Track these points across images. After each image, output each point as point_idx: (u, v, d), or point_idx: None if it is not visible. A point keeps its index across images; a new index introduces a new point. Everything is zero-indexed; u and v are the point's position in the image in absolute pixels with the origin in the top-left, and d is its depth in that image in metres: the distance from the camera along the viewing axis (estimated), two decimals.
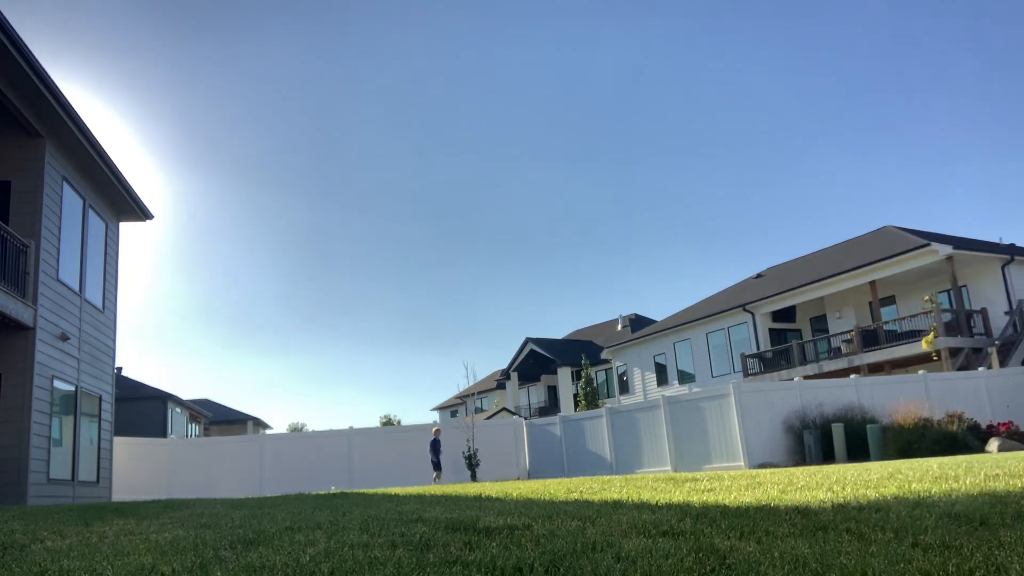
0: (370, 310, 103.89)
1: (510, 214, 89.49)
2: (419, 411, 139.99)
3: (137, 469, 22.40)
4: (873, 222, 60.07)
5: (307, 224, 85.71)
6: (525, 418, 30.60)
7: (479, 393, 57.22)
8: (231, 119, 75.71)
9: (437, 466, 21.98)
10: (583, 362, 40.52)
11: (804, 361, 29.15)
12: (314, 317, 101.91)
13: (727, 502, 5.77)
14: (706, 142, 76.38)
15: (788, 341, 31.47)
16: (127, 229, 19.84)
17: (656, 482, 8.95)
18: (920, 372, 21.45)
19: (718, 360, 34.42)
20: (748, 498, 5.99)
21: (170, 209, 71.77)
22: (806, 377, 26.50)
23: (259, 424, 54.20)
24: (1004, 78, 64.21)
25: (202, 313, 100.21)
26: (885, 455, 17.30)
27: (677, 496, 6.62)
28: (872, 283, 27.77)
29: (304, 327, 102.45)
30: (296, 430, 68.12)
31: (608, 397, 42.11)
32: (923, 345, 24.36)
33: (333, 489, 16.93)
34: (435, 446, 22.16)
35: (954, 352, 24.18)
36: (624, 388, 40.92)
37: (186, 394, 47.49)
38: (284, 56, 66.73)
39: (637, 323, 47.75)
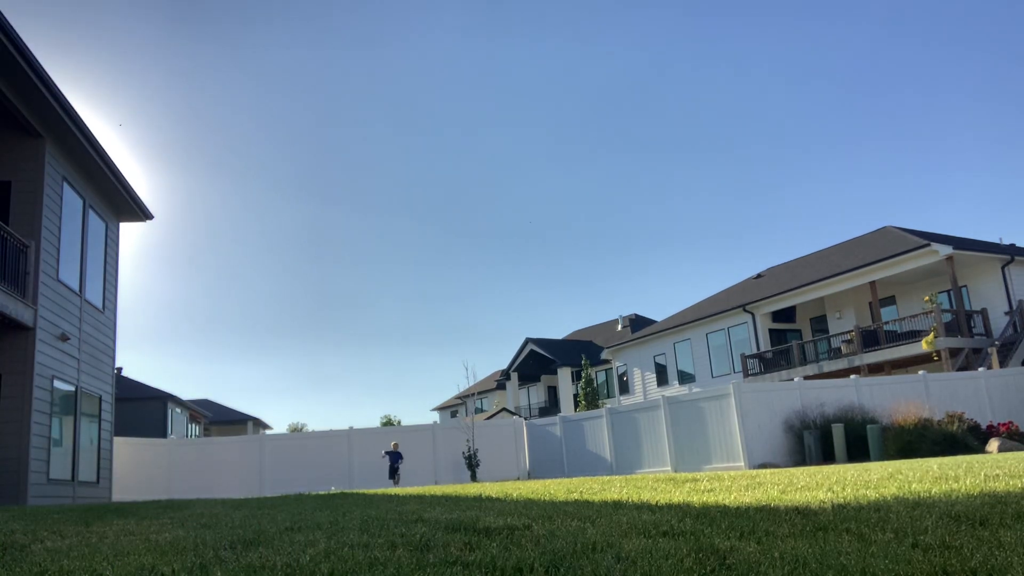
0: (370, 310, 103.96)
1: (510, 214, 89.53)
2: (419, 411, 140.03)
3: (137, 469, 22.39)
4: (873, 222, 60.03)
5: (307, 224, 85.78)
6: (525, 418, 30.59)
7: (479, 393, 57.21)
8: (232, 119, 75.78)
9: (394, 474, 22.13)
10: (583, 362, 40.51)
11: (804, 361, 29.15)
12: (314, 317, 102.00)
13: (727, 502, 5.77)
14: (706, 142, 76.41)
15: (788, 341, 31.47)
16: (127, 229, 19.86)
17: (656, 482, 8.95)
18: (920, 372, 21.43)
19: (718, 360, 34.42)
20: (748, 498, 5.99)
21: (170, 209, 71.85)
22: (806, 377, 26.49)
23: (259, 424, 54.19)
24: (1004, 78, 64.22)
25: (202, 313, 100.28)
26: (885, 455, 17.29)
27: (677, 496, 6.62)
28: (872, 283, 27.76)
29: (304, 327, 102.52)
30: (296, 430, 68.12)
31: (608, 397, 42.11)
32: (923, 345, 24.36)
33: (333, 489, 16.93)
34: (393, 457, 22.32)
35: (954, 352, 24.18)
36: (624, 388, 40.92)
37: (186, 394, 47.52)
38: (285, 55, 66.78)
39: (637, 323, 47.76)
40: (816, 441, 18.64)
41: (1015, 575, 2.81)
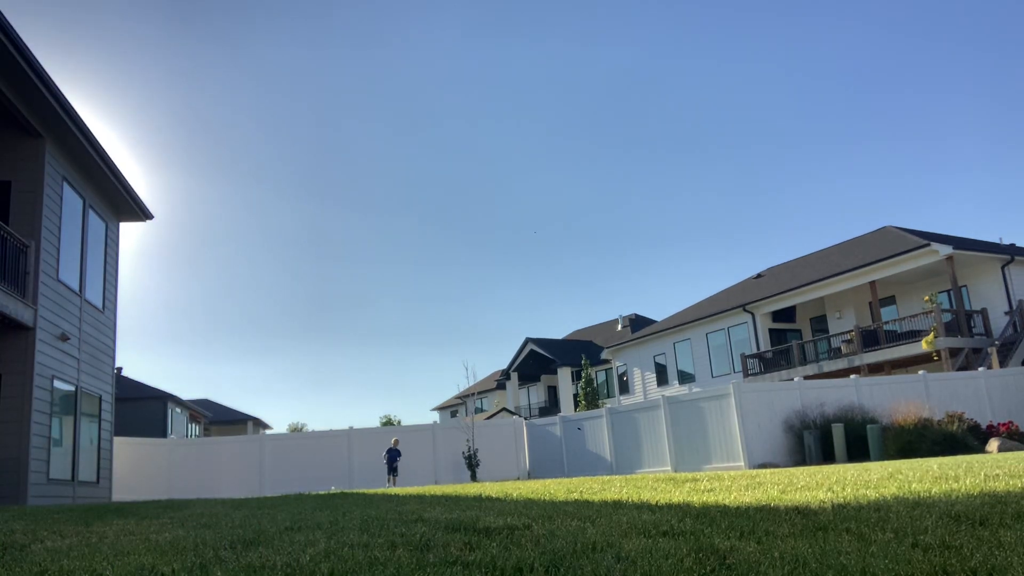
0: (370, 310, 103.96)
1: (510, 214, 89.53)
2: (419, 411, 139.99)
3: (137, 469, 22.39)
4: (873, 222, 60.01)
5: (307, 224, 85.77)
6: (525, 418, 30.58)
7: (479, 393, 57.19)
8: (232, 119, 75.76)
9: (392, 471, 22.08)
10: (583, 362, 40.49)
11: (804, 361, 29.13)
12: (314, 317, 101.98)
13: (727, 502, 5.77)
14: (707, 142, 76.42)
15: (788, 341, 31.46)
16: (127, 229, 19.86)
17: (656, 482, 8.95)
18: (920, 372, 21.43)
19: (718, 360, 34.41)
20: (748, 498, 5.99)
21: (170, 209, 71.85)
22: (806, 377, 26.48)
23: (259, 424, 54.17)
24: (1004, 78, 64.23)
25: (202, 313, 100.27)
26: (885, 455, 17.29)
27: (677, 496, 6.62)
28: (872, 283, 27.76)
29: (304, 327, 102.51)
30: (296, 430, 68.09)
31: (608, 397, 42.10)
32: (923, 345, 24.35)
33: (333, 489, 16.92)
34: (392, 454, 22.27)
35: (954, 352, 24.17)
36: (624, 388, 40.91)
37: (186, 394, 47.49)
38: (286, 55, 66.78)
39: (637, 323, 47.74)
40: (816, 441, 18.64)
41: (1015, 575, 2.81)
